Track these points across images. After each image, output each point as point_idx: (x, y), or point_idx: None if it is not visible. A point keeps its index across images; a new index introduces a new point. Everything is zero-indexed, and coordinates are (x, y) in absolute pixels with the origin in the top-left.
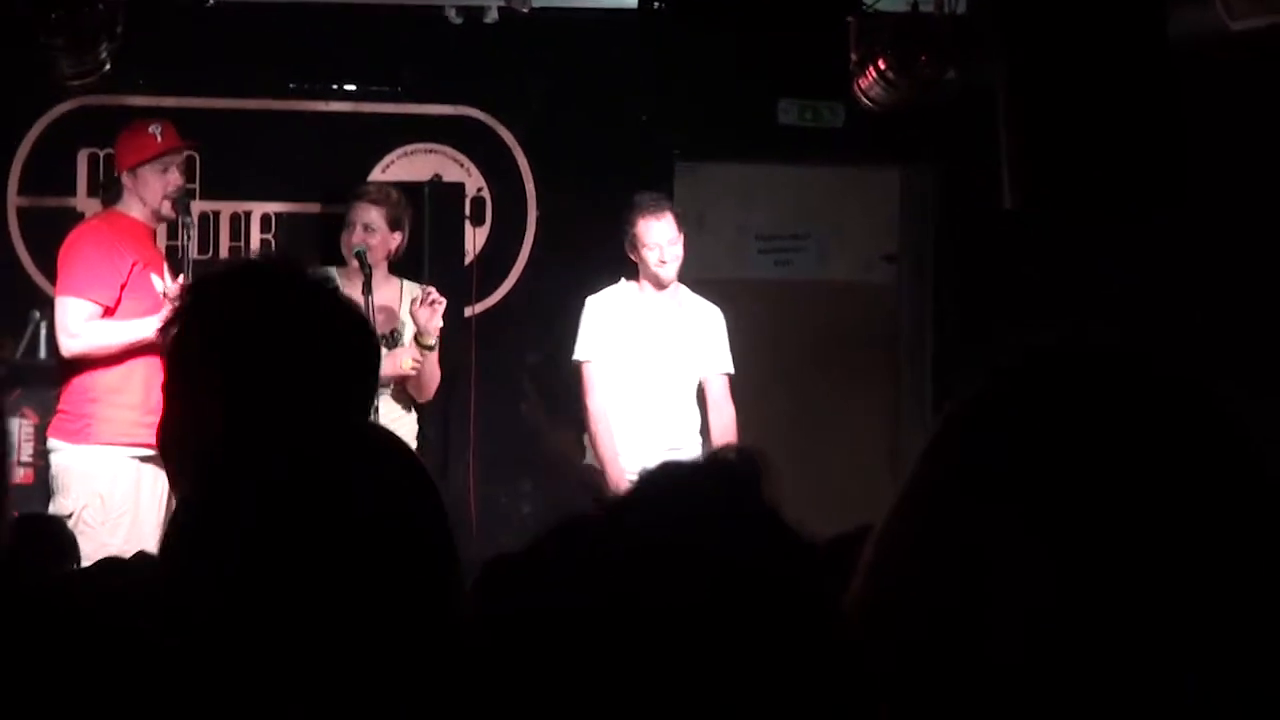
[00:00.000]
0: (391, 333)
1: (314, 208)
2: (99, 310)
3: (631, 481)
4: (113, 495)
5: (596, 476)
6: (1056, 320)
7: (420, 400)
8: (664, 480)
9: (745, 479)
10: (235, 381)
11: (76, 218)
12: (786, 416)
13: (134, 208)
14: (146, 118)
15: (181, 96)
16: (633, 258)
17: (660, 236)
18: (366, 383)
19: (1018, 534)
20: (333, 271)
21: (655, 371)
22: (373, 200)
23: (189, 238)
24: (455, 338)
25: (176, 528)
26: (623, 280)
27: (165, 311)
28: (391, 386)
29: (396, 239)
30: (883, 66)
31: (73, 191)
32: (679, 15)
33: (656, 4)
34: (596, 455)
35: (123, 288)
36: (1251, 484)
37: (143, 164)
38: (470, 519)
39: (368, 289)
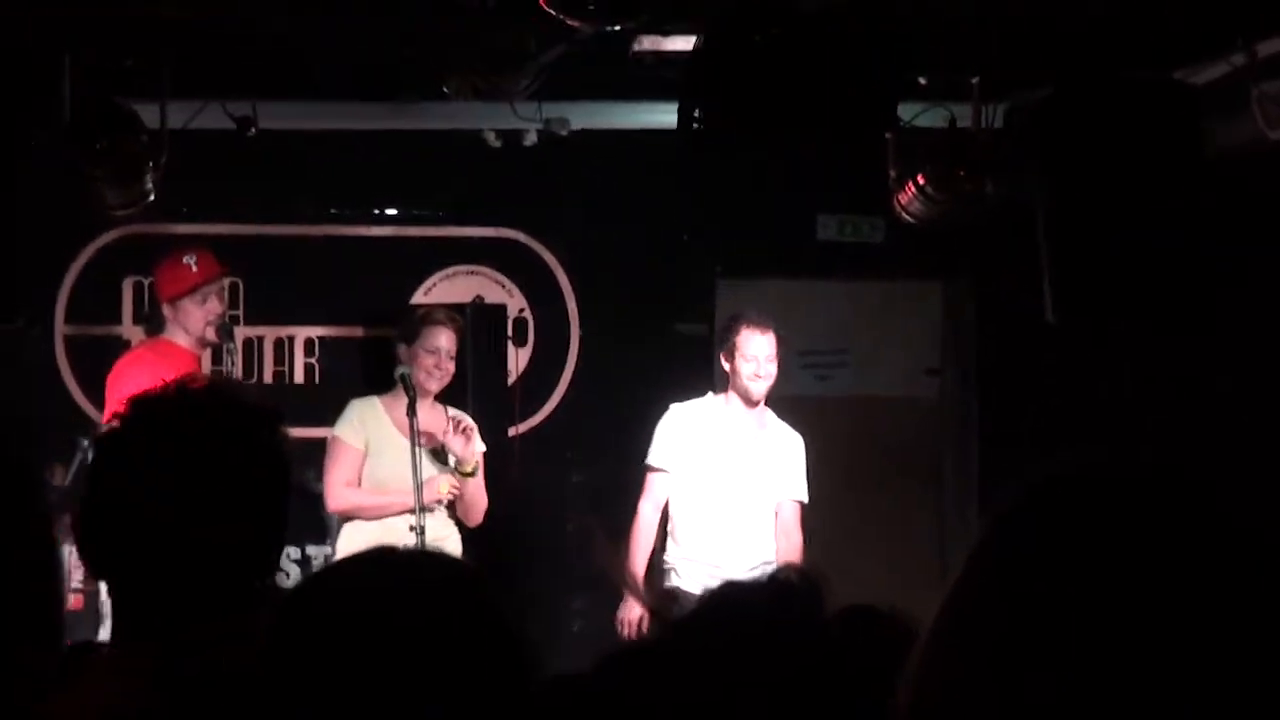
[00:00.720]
0: (434, 454)
1: (357, 331)
2: None
3: (697, 599)
4: None
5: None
6: (1099, 432)
7: (468, 524)
8: (727, 600)
9: (807, 599)
10: (136, 499)
11: (123, 345)
12: (829, 532)
13: (178, 336)
14: (183, 248)
15: (224, 224)
16: (726, 368)
17: (760, 350)
18: (276, 515)
19: (1046, 638)
20: (374, 400)
21: (734, 489)
22: (445, 324)
23: (233, 363)
24: (499, 458)
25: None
26: (709, 394)
27: None
28: (438, 509)
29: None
30: (921, 181)
31: (118, 320)
32: (717, 134)
33: (695, 125)
34: (626, 552)
35: None
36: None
37: (182, 296)
38: None
39: (412, 411)
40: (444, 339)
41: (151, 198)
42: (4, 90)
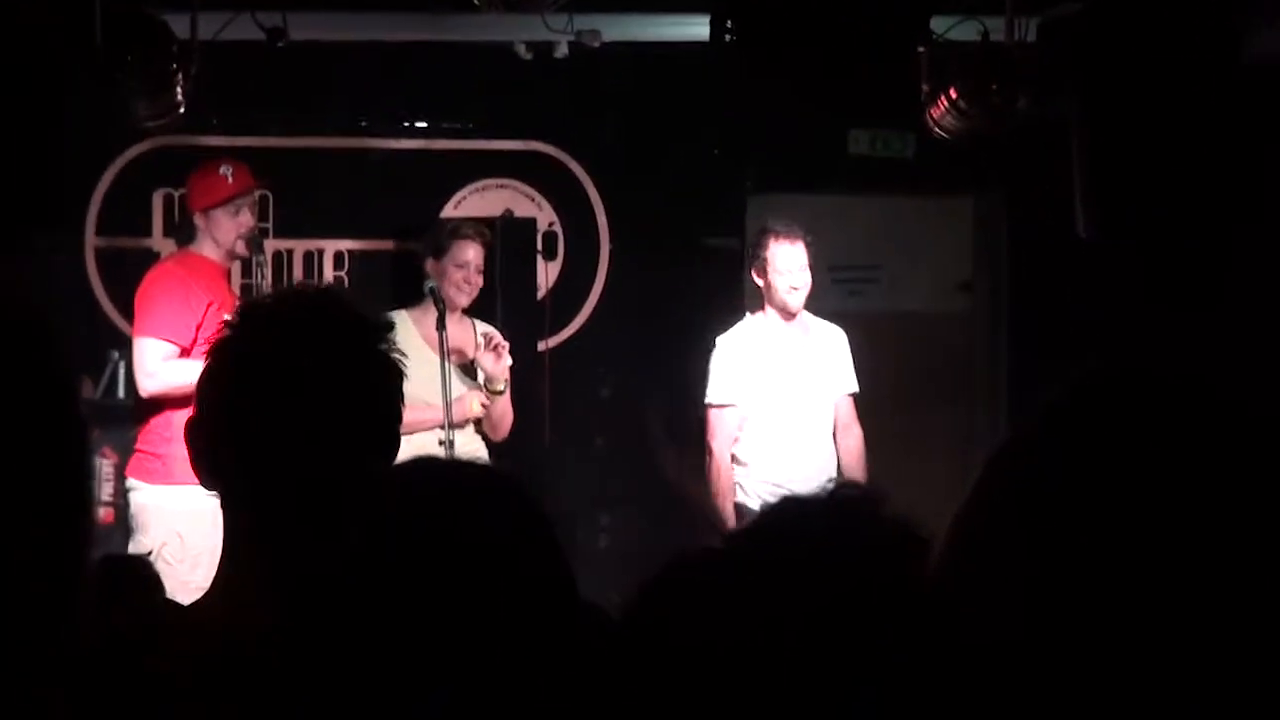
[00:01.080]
0: (463, 369)
1: (386, 245)
2: (175, 350)
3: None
4: (191, 533)
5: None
6: (1131, 347)
7: (494, 439)
8: (785, 515)
9: (869, 508)
10: (251, 411)
11: (152, 258)
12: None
13: (207, 248)
14: (218, 158)
15: (254, 136)
16: (759, 282)
17: (792, 262)
18: (388, 426)
19: (1067, 546)
20: (403, 314)
21: (797, 405)
22: (473, 238)
23: (262, 276)
24: (528, 373)
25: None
26: (747, 315)
27: None
28: (468, 425)
29: (482, 279)
30: (954, 96)
31: (149, 232)
32: (749, 47)
33: (727, 37)
34: (711, 495)
35: (198, 328)
36: None
37: (215, 206)
38: None
39: (441, 325)
40: (472, 252)
41: (181, 110)
42: (36, 3)
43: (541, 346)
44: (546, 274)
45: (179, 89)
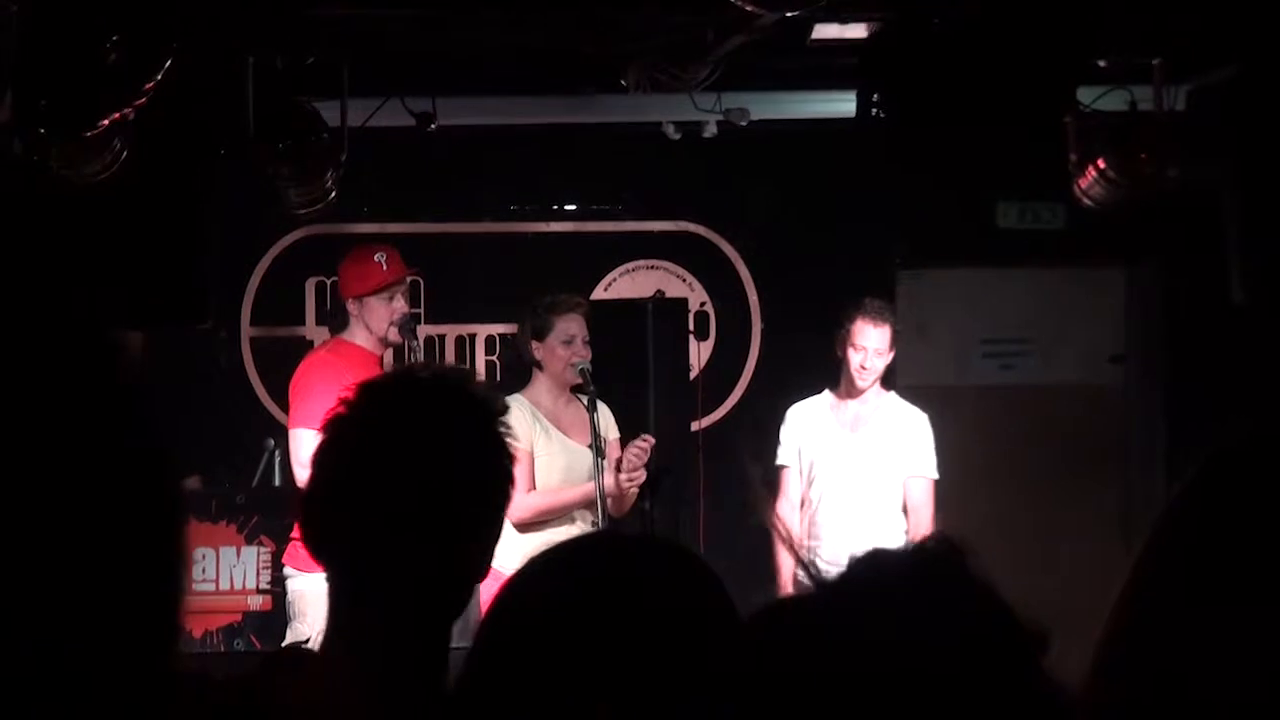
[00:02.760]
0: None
1: None
2: None
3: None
4: None
5: None
6: None
7: (616, 515)
8: (870, 563)
9: (948, 560)
10: (360, 484)
11: (306, 346)
12: (1016, 521)
13: (360, 336)
14: (371, 245)
15: (404, 222)
16: (838, 354)
17: (870, 342)
18: (499, 488)
19: (1237, 627)
20: (519, 398)
21: (851, 476)
22: (575, 309)
23: (416, 362)
24: (682, 452)
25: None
26: (826, 391)
27: None
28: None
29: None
30: (1102, 166)
31: (302, 320)
32: (896, 121)
33: (874, 112)
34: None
35: None
36: None
37: (369, 294)
38: None
39: (593, 406)
40: (576, 326)
41: (333, 196)
42: (191, 95)
43: (695, 426)
44: (699, 354)
45: (330, 176)
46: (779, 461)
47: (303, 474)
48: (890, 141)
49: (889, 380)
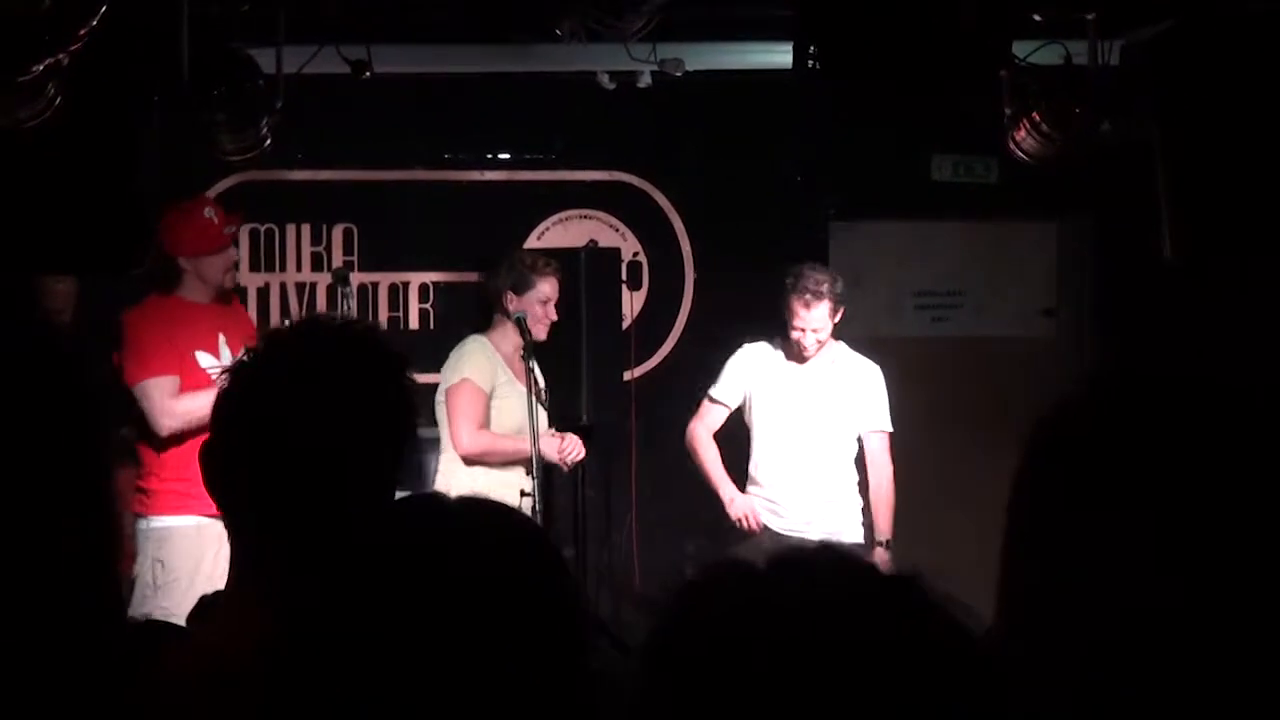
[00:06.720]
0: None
1: (470, 276)
2: (178, 381)
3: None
4: (170, 560)
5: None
6: (1216, 372)
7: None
8: (823, 556)
9: (904, 577)
10: (265, 434)
11: (240, 292)
12: (944, 473)
13: (196, 291)
14: (193, 201)
15: (339, 169)
16: (784, 316)
17: (809, 322)
18: (398, 444)
19: (1112, 530)
20: (481, 339)
21: (806, 433)
22: (556, 273)
23: (348, 309)
24: (615, 402)
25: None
26: (779, 339)
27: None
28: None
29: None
30: (1037, 120)
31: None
32: (832, 75)
33: (810, 64)
34: (699, 469)
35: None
36: None
37: (209, 253)
38: (634, 582)
39: (528, 354)
40: (554, 288)
41: (268, 144)
42: (126, 40)
43: (627, 376)
44: (631, 304)
45: (264, 123)
46: (713, 393)
47: (168, 421)
48: (825, 94)
49: (837, 330)
